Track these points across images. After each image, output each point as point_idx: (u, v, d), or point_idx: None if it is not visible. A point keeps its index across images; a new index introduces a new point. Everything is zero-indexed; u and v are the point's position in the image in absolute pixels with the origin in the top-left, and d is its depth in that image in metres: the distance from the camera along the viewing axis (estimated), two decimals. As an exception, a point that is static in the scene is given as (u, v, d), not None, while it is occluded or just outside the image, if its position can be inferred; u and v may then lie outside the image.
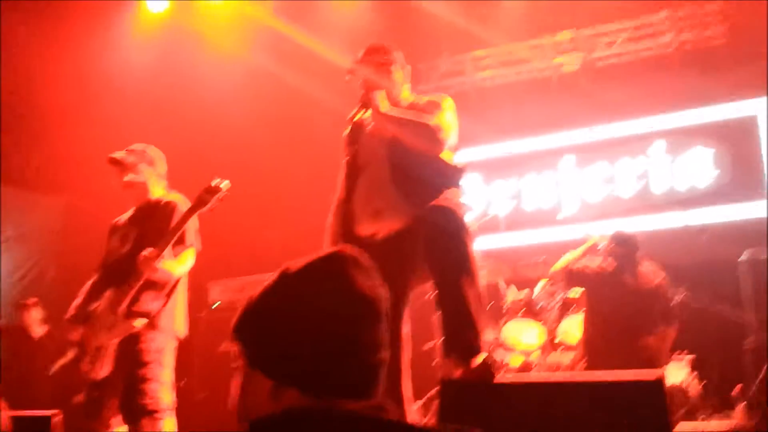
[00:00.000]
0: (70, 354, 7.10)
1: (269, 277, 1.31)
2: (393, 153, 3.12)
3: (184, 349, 3.99)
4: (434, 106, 3.21)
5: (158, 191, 4.03)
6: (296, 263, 1.30)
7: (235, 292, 6.33)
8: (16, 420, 3.84)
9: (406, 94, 3.39)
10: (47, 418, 3.52)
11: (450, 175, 3.01)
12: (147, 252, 3.62)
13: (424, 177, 2.80)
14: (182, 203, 3.88)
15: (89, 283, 4.04)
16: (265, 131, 7.57)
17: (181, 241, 3.76)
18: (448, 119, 3.18)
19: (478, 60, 8.44)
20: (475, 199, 7.52)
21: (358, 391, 1.23)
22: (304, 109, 7.33)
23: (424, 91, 7.69)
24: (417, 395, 3.77)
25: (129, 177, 3.94)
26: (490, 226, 5.82)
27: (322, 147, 6.05)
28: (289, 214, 7.32)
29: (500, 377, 2.82)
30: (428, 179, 2.79)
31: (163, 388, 3.66)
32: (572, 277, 5.44)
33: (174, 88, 7.58)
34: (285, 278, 1.28)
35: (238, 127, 7.52)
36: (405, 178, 2.94)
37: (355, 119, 3.33)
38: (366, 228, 3.13)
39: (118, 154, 3.96)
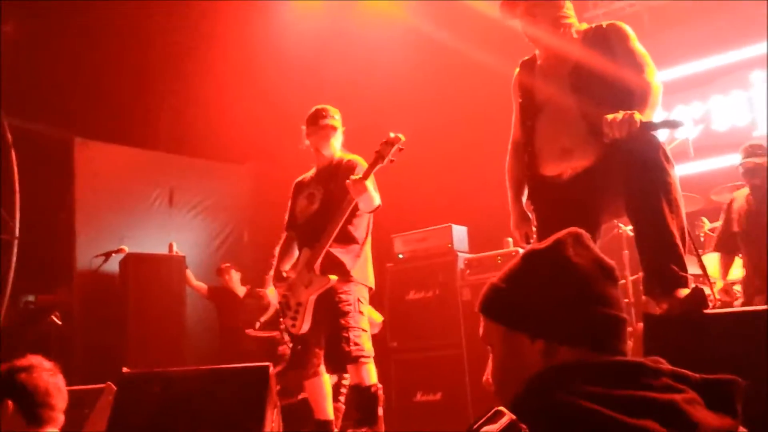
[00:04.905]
0: (271, 311, 7.72)
1: (511, 262, 1.49)
2: (577, 87, 3.00)
3: (373, 299, 4.14)
4: (618, 34, 3.06)
5: (338, 152, 4.21)
6: (539, 244, 1.48)
7: (417, 243, 6.45)
8: (236, 371, 4.19)
9: (574, 21, 3.22)
10: (265, 368, 3.79)
11: (641, 100, 2.82)
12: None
13: (613, 106, 2.64)
14: (362, 161, 4.03)
15: (281, 242, 4.28)
16: (429, 89, 7.55)
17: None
18: (642, 50, 3.04)
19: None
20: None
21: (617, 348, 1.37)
22: (463, 65, 7.21)
23: (592, 18, 7.29)
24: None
25: (332, 139, 4.14)
26: (679, 152, 5.44)
27: (484, 100, 5.97)
28: (459, 166, 7.30)
29: (709, 310, 2.66)
30: (618, 108, 2.63)
31: (364, 335, 3.84)
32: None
33: (338, 52, 7.74)
34: (531, 256, 1.46)
35: (401, 87, 7.54)
36: (592, 111, 2.81)
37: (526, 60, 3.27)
38: (553, 168, 3.05)
39: (329, 121, 4.14)
